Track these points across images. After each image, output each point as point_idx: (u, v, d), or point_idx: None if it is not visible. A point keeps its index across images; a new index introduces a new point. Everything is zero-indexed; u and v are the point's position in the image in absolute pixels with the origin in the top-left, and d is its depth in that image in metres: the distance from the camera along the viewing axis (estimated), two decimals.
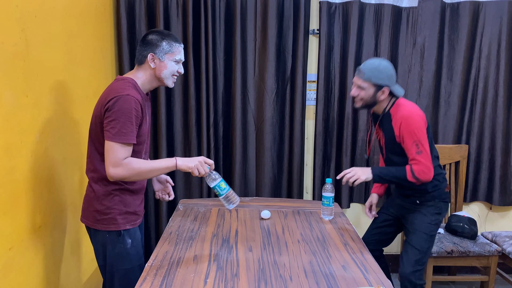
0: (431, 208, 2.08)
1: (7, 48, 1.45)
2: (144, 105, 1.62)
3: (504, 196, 2.86)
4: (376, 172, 2.00)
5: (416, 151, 1.92)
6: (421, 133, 1.93)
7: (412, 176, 1.94)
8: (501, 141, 2.81)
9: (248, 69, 2.71)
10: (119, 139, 1.52)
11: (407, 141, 1.94)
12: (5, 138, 1.45)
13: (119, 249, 1.64)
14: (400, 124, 1.94)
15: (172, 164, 1.61)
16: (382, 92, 1.99)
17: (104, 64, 2.46)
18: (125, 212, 1.65)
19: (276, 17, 2.66)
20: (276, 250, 1.72)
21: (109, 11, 2.54)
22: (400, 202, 2.20)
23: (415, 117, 1.94)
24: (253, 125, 2.77)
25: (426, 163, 1.92)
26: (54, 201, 1.82)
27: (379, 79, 1.97)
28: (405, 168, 1.96)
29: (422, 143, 1.92)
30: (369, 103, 2.03)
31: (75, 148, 2.03)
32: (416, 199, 2.11)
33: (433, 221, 2.07)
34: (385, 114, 2.04)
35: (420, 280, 2.05)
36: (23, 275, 1.58)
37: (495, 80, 2.77)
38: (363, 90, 2.00)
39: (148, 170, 1.59)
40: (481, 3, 2.69)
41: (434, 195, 2.08)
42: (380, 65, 1.98)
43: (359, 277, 1.51)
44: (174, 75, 1.70)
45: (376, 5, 2.70)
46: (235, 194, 1.73)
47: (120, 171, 1.53)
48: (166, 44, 1.65)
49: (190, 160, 1.64)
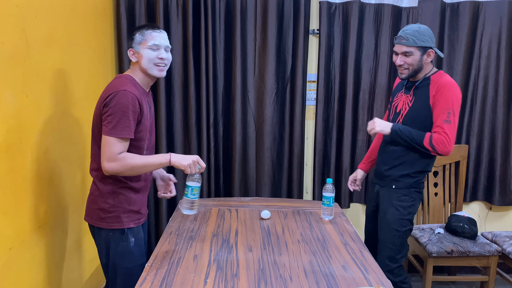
0: (405, 199, 2.03)
1: (7, 48, 1.45)
2: (142, 101, 1.62)
3: (504, 196, 2.86)
4: (395, 128, 1.96)
5: (445, 119, 1.86)
6: (456, 105, 1.88)
7: (429, 143, 1.89)
8: (501, 141, 2.81)
9: (248, 69, 2.71)
10: (115, 133, 1.52)
11: (440, 107, 1.88)
12: (5, 138, 1.45)
13: (122, 247, 1.65)
14: (440, 88, 1.89)
15: (166, 160, 1.62)
16: (428, 55, 1.94)
17: (104, 64, 2.46)
18: (129, 211, 1.66)
19: (276, 17, 2.66)
20: (276, 250, 1.72)
21: (109, 11, 2.54)
22: (377, 189, 2.16)
23: (457, 88, 1.90)
24: (253, 125, 2.77)
25: (449, 135, 1.86)
26: (54, 201, 1.82)
27: (424, 42, 1.91)
28: (425, 133, 1.92)
29: (455, 113, 1.86)
30: (417, 69, 1.96)
31: (75, 148, 2.03)
32: (393, 183, 2.06)
33: (405, 216, 2.03)
34: (425, 78, 1.97)
35: (398, 277, 2.05)
36: (23, 275, 1.58)
37: (495, 80, 2.77)
38: (409, 56, 1.93)
39: (142, 165, 1.60)
40: (481, 3, 2.69)
41: (411, 183, 2.03)
42: (420, 27, 1.94)
43: (359, 277, 1.51)
44: (156, 63, 1.65)
45: (376, 5, 2.70)
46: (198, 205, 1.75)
47: (115, 166, 1.54)
48: (139, 35, 1.65)
49: (184, 157, 1.64)
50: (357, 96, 2.78)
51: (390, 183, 2.08)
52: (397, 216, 2.03)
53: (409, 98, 2.02)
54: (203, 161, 2.71)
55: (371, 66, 2.75)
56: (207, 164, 2.75)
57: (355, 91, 2.77)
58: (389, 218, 2.05)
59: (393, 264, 2.05)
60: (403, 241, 2.06)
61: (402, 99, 2.07)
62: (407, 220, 2.04)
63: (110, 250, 1.66)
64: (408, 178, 2.04)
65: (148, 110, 1.70)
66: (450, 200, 2.87)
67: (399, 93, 2.12)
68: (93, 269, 2.29)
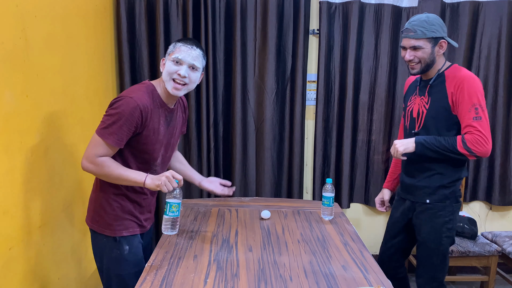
0: (443, 214, 1.83)
1: (7, 48, 1.45)
2: (152, 113, 1.55)
3: (504, 196, 2.86)
4: (419, 140, 1.76)
5: (474, 116, 1.67)
6: (482, 98, 1.70)
7: (464, 147, 1.67)
8: (501, 141, 2.81)
9: (248, 69, 2.71)
10: (102, 135, 1.49)
11: (465, 104, 1.69)
12: (5, 138, 1.45)
13: (116, 254, 1.62)
14: (459, 84, 1.71)
15: (141, 181, 1.53)
16: (440, 46, 1.78)
17: (104, 64, 2.46)
18: (122, 219, 1.63)
19: (276, 17, 2.66)
20: (276, 250, 1.72)
21: (109, 11, 2.54)
22: (408, 205, 1.97)
23: (478, 80, 1.73)
24: (253, 125, 2.77)
25: (484, 132, 1.66)
26: (54, 201, 1.82)
27: (434, 32, 1.75)
28: (455, 137, 1.71)
29: (483, 108, 1.68)
30: (429, 63, 1.79)
31: (75, 148, 2.03)
32: (426, 197, 1.86)
33: (444, 233, 1.84)
34: (439, 75, 1.81)
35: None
36: (23, 275, 1.58)
37: (495, 80, 2.77)
38: (419, 50, 1.77)
39: (116, 177, 1.53)
40: (481, 3, 2.69)
41: (447, 195, 1.83)
42: (428, 17, 1.77)
43: (359, 277, 1.51)
44: (174, 79, 1.55)
45: (376, 5, 2.70)
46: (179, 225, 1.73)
47: (90, 167, 1.51)
48: (172, 46, 1.60)
49: (157, 177, 1.53)
50: (357, 96, 2.78)
51: (423, 197, 1.88)
52: (434, 234, 1.86)
53: (424, 100, 1.84)
54: (202, 161, 2.75)
55: (371, 66, 2.75)
56: (207, 164, 2.75)
57: (355, 91, 2.77)
58: (426, 237, 1.88)
59: (434, 283, 1.90)
60: (443, 258, 1.89)
61: (417, 102, 1.89)
62: (446, 238, 1.86)
63: (104, 255, 1.64)
64: (443, 190, 1.84)
65: (164, 125, 1.63)
66: None
67: (412, 96, 1.94)
68: (93, 269, 2.29)
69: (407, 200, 1.98)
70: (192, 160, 2.73)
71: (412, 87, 2.00)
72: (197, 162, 2.76)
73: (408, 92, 2.03)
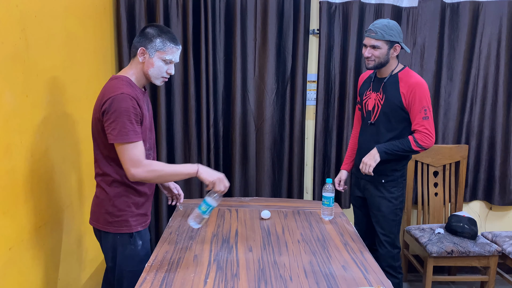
0: (395, 190, 2.15)
1: (7, 48, 1.45)
2: (141, 101, 1.58)
3: (504, 196, 2.86)
4: (381, 150, 2.06)
5: (423, 116, 2.01)
6: (429, 101, 2.03)
7: (417, 145, 2.02)
8: (501, 141, 2.81)
9: (248, 69, 2.71)
10: (121, 139, 1.50)
11: (417, 106, 2.02)
12: (5, 138, 1.45)
13: (130, 250, 1.64)
14: (412, 89, 2.02)
15: (194, 171, 1.60)
16: (394, 49, 2.06)
17: (104, 64, 2.46)
18: (137, 214, 1.65)
19: (276, 17, 2.66)
20: (276, 250, 1.72)
21: (109, 11, 2.54)
22: (363, 183, 2.25)
23: (426, 84, 2.05)
24: (253, 125, 2.77)
25: (430, 129, 2.01)
26: (54, 201, 1.82)
27: (391, 36, 2.03)
28: (408, 138, 2.04)
29: (430, 109, 2.03)
30: (383, 62, 2.08)
31: (75, 148, 2.03)
32: (382, 178, 2.15)
33: (398, 205, 2.17)
34: (392, 75, 2.10)
35: (398, 261, 2.23)
36: (23, 275, 1.58)
37: (495, 80, 2.77)
38: (377, 49, 2.04)
39: (170, 173, 1.60)
40: (481, 3, 2.69)
41: (398, 176, 2.16)
42: (389, 22, 2.05)
43: (359, 277, 1.51)
44: (163, 76, 1.64)
45: (376, 5, 2.70)
46: None
47: (141, 172, 1.52)
48: (160, 42, 1.59)
49: (212, 173, 1.62)
50: None
51: (379, 178, 2.16)
52: (392, 208, 2.17)
53: (379, 96, 2.13)
54: (202, 161, 2.75)
55: None
56: (207, 164, 2.75)
57: (355, 91, 2.76)
58: (385, 211, 2.17)
59: (395, 250, 2.21)
60: (399, 227, 2.22)
61: (372, 97, 2.17)
62: (399, 209, 2.19)
63: (117, 254, 1.65)
64: (396, 172, 2.15)
65: (147, 109, 1.68)
66: (450, 200, 2.87)
67: (367, 91, 2.22)
68: (93, 269, 2.29)
69: (362, 179, 2.27)
70: (192, 160, 2.73)
71: (366, 83, 2.27)
72: (197, 162, 2.76)
73: (363, 87, 2.29)
